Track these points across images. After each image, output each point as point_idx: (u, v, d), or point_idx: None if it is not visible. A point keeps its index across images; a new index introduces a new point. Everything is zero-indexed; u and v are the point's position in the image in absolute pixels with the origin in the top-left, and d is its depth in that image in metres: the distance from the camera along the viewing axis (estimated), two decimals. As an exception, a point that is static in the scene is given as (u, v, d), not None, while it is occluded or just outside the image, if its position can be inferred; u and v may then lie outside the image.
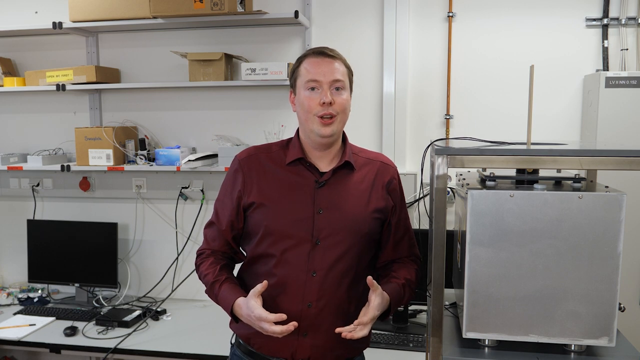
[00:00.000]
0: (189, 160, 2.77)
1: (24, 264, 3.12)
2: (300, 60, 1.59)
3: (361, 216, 1.58)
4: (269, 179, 1.60)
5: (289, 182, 1.59)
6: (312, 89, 1.54)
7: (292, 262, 1.55)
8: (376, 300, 1.49)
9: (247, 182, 1.61)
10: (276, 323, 1.44)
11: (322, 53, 1.57)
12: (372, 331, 2.57)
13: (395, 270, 1.65)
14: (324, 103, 1.52)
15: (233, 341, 1.72)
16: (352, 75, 1.64)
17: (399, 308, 2.57)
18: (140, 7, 2.75)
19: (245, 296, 1.53)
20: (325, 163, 1.62)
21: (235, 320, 1.58)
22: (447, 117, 2.76)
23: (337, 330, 1.46)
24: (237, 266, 1.73)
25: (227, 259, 1.69)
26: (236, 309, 1.54)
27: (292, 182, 1.59)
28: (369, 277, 1.49)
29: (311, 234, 1.55)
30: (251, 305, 1.47)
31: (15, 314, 2.87)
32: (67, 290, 3.18)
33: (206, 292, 1.64)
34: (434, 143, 1.40)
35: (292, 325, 1.44)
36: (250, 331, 1.57)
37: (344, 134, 1.67)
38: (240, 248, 1.71)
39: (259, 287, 1.48)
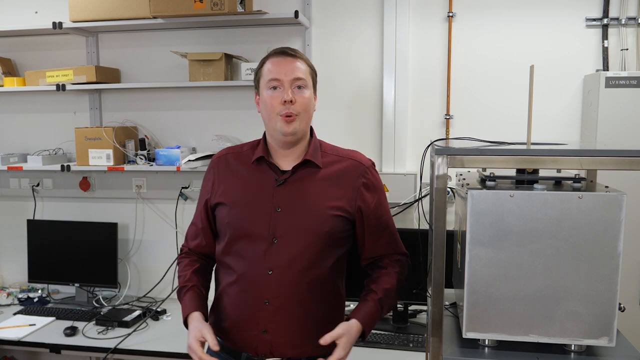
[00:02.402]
0: (189, 160, 2.77)
1: (24, 264, 3.12)
2: (263, 61, 1.62)
3: (321, 214, 1.58)
4: (235, 178, 1.65)
5: (252, 181, 1.63)
6: (274, 88, 1.56)
7: (250, 260, 1.57)
8: (341, 341, 1.49)
9: (216, 182, 1.67)
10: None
11: (284, 53, 1.60)
12: (372, 331, 2.56)
13: (375, 281, 1.65)
14: (285, 101, 1.54)
15: None
16: (316, 75, 1.66)
17: (399, 307, 2.59)
18: (140, 7, 2.75)
19: (205, 310, 1.61)
20: (289, 162, 1.63)
21: (185, 326, 1.62)
22: (447, 117, 2.76)
23: None
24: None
25: (205, 259, 1.74)
26: (190, 319, 1.58)
27: (254, 181, 1.63)
28: (322, 339, 1.48)
29: (268, 232, 1.57)
30: (194, 335, 1.51)
31: (15, 314, 2.87)
32: (67, 290, 3.18)
33: (177, 292, 1.70)
34: (434, 143, 1.40)
35: None
36: (220, 326, 1.64)
37: (312, 131, 1.68)
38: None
39: (215, 341, 1.50)
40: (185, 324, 1.61)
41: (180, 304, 1.66)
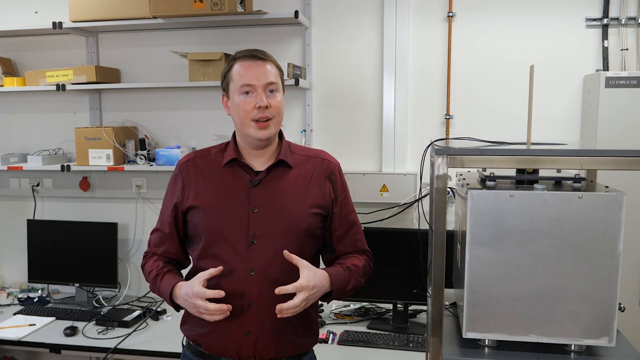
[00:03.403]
0: (189, 160, 2.76)
1: (24, 264, 3.12)
2: (231, 64, 1.60)
3: (298, 213, 1.59)
4: (206, 181, 1.64)
5: (225, 183, 1.62)
6: (247, 92, 1.56)
7: (231, 262, 1.56)
8: (304, 271, 1.48)
9: (185, 186, 1.66)
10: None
11: (254, 56, 1.58)
12: (372, 331, 2.57)
13: (341, 259, 1.67)
14: (259, 107, 1.54)
15: (184, 343, 1.73)
16: (283, 74, 1.66)
17: (399, 307, 2.59)
18: (140, 7, 2.75)
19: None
20: (261, 163, 1.64)
21: (173, 306, 1.60)
22: (447, 117, 2.76)
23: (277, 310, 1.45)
24: (185, 272, 1.74)
25: (172, 261, 1.71)
26: (176, 290, 1.56)
27: (228, 183, 1.62)
28: (285, 252, 1.50)
29: (247, 233, 1.56)
30: (193, 283, 1.49)
31: (15, 314, 2.87)
32: (67, 290, 3.18)
33: (150, 288, 1.67)
34: (434, 143, 1.40)
35: (227, 307, 1.46)
36: (197, 332, 1.62)
37: (280, 132, 1.69)
38: (188, 252, 1.73)
39: (212, 270, 1.49)
40: (172, 301, 1.58)
41: (158, 294, 1.63)
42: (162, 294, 1.61)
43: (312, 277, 1.49)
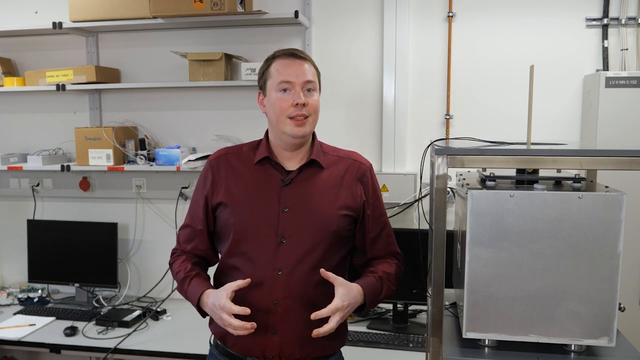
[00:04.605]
0: (189, 160, 2.77)
1: (24, 264, 3.12)
2: (269, 62, 1.60)
3: (328, 214, 1.58)
4: (237, 179, 1.63)
5: (256, 181, 1.61)
6: (284, 90, 1.55)
7: (258, 261, 1.56)
8: (339, 290, 1.48)
9: (216, 183, 1.64)
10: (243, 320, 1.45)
11: (293, 54, 1.59)
12: (372, 331, 2.57)
13: (373, 266, 1.66)
14: (297, 104, 1.53)
15: (211, 341, 1.73)
16: (320, 76, 1.66)
17: (399, 307, 2.59)
18: (140, 7, 2.75)
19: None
20: (293, 162, 1.63)
21: (200, 312, 1.59)
22: (447, 117, 2.76)
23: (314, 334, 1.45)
24: (212, 269, 1.73)
25: (200, 260, 1.70)
26: (203, 298, 1.54)
27: (259, 181, 1.61)
28: (322, 270, 1.50)
29: (276, 232, 1.55)
30: (220, 294, 1.48)
31: (15, 314, 2.87)
32: (67, 290, 3.18)
33: (177, 289, 1.66)
34: (434, 143, 1.40)
35: (251, 325, 1.45)
36: (224, 330, 1.59)
37: (313, 132, 1.68)
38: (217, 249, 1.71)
39: (240, 282, 1.48)
40: (200, 309, 1.56)
41: (185, 298, 1.61)
42: (190, 299, 1.60)
43: (347, 295, 1.48)
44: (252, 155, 1.65)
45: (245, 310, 1.45)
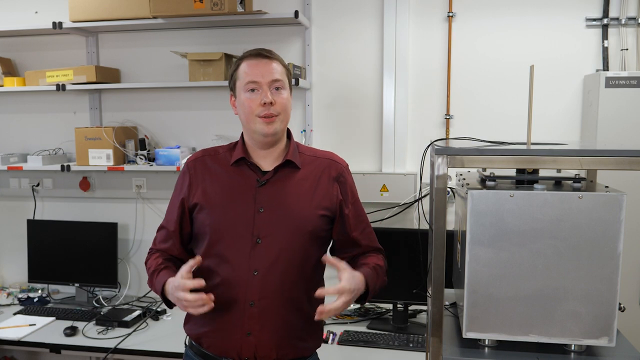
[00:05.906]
0: (189, 160, 2.76)
1: (24, 264, 3.12)
2: (238, 63, 1.62)
3: (304, 214, 1.59)
4: (213, 180, 1.64)
5: (232, 182, 1.62)
6: (252, 90, 1.57)
7: (234, 261, 1.56)
8: (344, 274, 1.47)
9: (192, 185, 1.65)
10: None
11: (259, 54, 1.60)
12: (372, 331, 2.56)
13: (362, 259, 1.66)
14: (264, 103, 1.54)
15: (187, 342, 1.73)
16: (291, 74, 1.67)
17: (399, 307, 2.59)
18: (140, 7, 2.75)
19: None
20: (268, 162, 1.63)
21: (166, 303, 1.58)
22: (447, 117, 2.76)
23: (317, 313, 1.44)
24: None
25: (175, 259, 1.69)
26: (166, 287, 1.54)
27: (235, 182, 1.62)
28: (325, 256, 1.51)
29: (252, 233, 1.56)
30: (176, 277, 1.48)
31: (15, 314, 2.87)
32: (67, 290, 3.18)
33: (148, 283, 1.65)
34: (434, 143, 1.40)
35: (208, 296, 1.43)
36: (199, 331, 1.61)
37: (289, 132, 1.69)
38: (193, 251, 1.71)
39: (191, 262, 1.48)
40: (164, 298, 1.56)
41: (154, 291, 1.61)
42: (156, 291, 1.60)
43: (352, 279, 1.48)
44: (229, 156, 1.66)
45: (200, 282, 1.44)
